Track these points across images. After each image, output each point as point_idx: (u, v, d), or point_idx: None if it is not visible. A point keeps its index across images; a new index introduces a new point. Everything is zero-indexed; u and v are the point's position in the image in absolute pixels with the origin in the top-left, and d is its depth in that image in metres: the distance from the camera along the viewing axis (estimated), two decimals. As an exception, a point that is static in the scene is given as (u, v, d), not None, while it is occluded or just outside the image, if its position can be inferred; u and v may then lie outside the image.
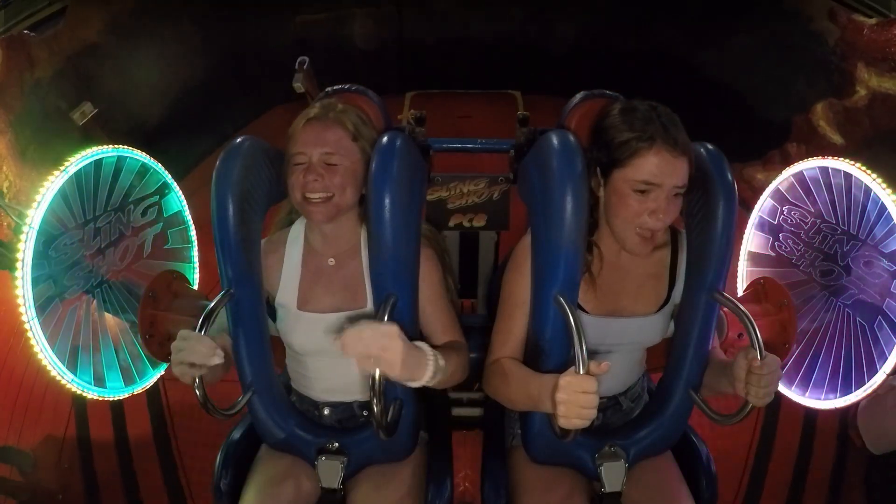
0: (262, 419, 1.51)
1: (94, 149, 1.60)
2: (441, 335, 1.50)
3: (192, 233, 1.92)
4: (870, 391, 1.56)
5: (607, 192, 1.38)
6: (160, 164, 1.82)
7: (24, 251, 1.45)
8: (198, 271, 1.91)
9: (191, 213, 1.92)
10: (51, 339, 1.50)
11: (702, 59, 4.32)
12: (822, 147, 3.23)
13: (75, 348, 1.57)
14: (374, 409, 1.26)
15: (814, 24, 3.56)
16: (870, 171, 1.55)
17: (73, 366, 1.56)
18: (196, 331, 1.29)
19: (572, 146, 1.37)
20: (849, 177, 1.60)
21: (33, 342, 1.48)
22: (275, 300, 1.53)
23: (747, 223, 1.86)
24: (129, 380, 1.69)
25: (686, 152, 1.33)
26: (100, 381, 1.62)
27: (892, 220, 1.50)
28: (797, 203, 1.74)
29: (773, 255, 1.81)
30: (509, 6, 4.93)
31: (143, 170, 1.76)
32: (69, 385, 1.55)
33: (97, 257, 1.64)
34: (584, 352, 1.18)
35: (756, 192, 1.87)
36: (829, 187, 1.66)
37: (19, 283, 1.45)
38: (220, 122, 4.39)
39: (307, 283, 1.52)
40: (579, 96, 1.55)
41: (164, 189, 1.83)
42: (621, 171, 1.33)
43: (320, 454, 1.51)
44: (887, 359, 1.52)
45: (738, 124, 3.78)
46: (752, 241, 1.87)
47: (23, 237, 1.45)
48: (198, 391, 1.31)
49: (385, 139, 1.42)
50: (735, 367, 1.30)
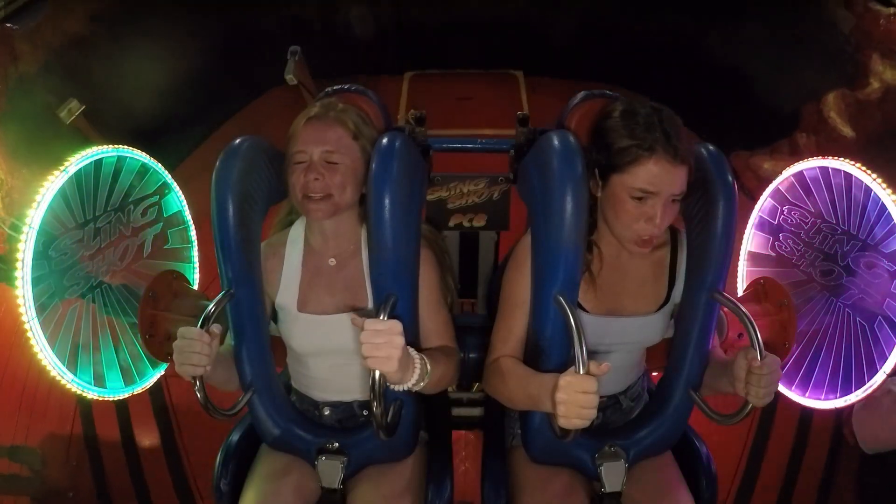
0: (262, 419, 1.51)
1: (94, 149, 1.60)
2: (434, 338, 1.49)
3: (192, 233, 1.92)
4: (870, 391, 1.56)
5: (605, 195, 1.38)
6: (156, 157, 1.79)
7: (24, 251, 1.45)
8: (198, 271, 1.91)
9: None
10: (51, 339, 1.50)
11: (710, 43, 4.15)
12: (833, 139, 3.11)
13: (75, 348, 1.57)
14: (375, 410, 1.26)
15: (828, 11, 3.39)
16: (870, 172, 1.55)
17: (73, 366, 1.56)
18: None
19: (573, 147, 1.36)
20: (849, 177, 1.60)
21: (33, 342, 1.48)
22: (275, 302, 1.53)
23: (747, 223, 1.86)
24: (129, 380, 1.69)
25: (686, 161, 1.31)
26: (100, 381, 1.62)
27: (893, 220, 1.50)
28: (797, 203, 1.74)
29: (773, 255, 1.80)
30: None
31: (143, 170, 1.76)
32: (69, 385, 1.55)
33: (97, 257, 1.64)
34: (584, 352, 1.18)
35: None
36: (829, 187, 1.65)
37: (19, 283, 1.45)
38: (213, 107, 4.25)
39: (307, 284, 1.52)
40: (579, 96, 1.55)
41: (163, 189, 1.83)
42: (620, 176, 1.33)
43: (320, 454, 1.51)
44: (887, 359, 1.52)
45: (746, 111, 3.62)
46: (752, 241, 1.87)
47: (23, 237, 1.45)
48: (199, 393, 1.32)
49: (385, 140, 1.42)
50: (735, 366, 1.31)
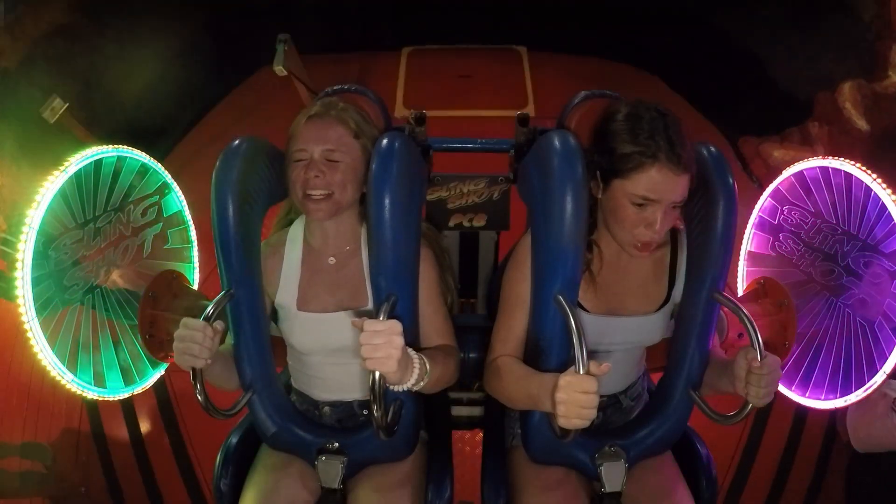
0: (262, 419, 1.51)
1: (94, 149, 1.60)
2: (435, 337, 1.49)
3: (192, 233, 1.92)
4: (870, 391, 1.56)
5: (605, 198, 1.38)
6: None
7: (24, 251, 1.45)
8: (197, 271, 1.91)
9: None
10: (51, 339, 1.50)
11: (723, 22, 3.94)
12: (846, 131, 2.99)
13: (75, 348, 1.57)
14: (374, 410, 1.26)
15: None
16: (870, 171, 1.55)
17: (73, 365, 1.56)
18: None
19: (573, 148, 1.36)
20: (849, 177, 1.60)
21: (33, 342, 1.48)
22: (274, 301, 1.53)
23: (747, 223, 1.86)
24: (129, 380, 1.69)
25: (689, 169, 1.31)
26: (100, 381, 1.62)
27: (893, 219, 1.50)
28: (797, 203, 1.74)
29: (773, 255, 1.80)
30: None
31: (143, 170, 1.76)
32: (69, 385, 1.55)
33: (97, 257, 1.64)
34: (585, 352, 1.18)
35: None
36: (829, 187, 1.65)
37: (19, 283, 1.45)
38: (202, 90, 4.14)
39: (307, 283, 1.52)
40: (580, 96, 1.55)
41: (163, 189, 1.83)
42: (621, 182, 1.32)
43: (320, 454, 1.51)
44: (887, 359, 1.52)
45: (758, 95, 3.49)
46: (752, 241, 1.87)
47: (23, 237, 1.45)
48: (199, 396, 1.32)
49: (385, 140, 1.42)
50: (735, 366, 1.31)
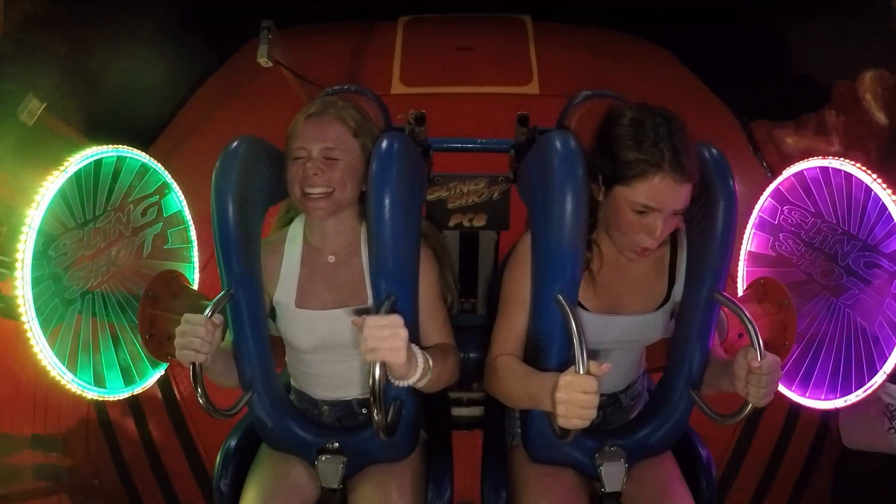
0: (261, 419, 1.51)
1: (94, 149, 1.60)
2: (435, 335, 1.50)
3: (192, 233, 1.91)
4: (870, 391, 1.56)
5: (606, 202, 1.38)
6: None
7: (24, 251, 1.45)
8: (198, 271, 1.91)
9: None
10: (50, 339, 1.50)
11: (743, 3, 3.74)
12: (863, 122, 2.87)
13: (75, 348, 1.57)
14: (374, 410, 1.26)
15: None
16: (870, 172, 1.55)
17: (73, 366, 1.56)
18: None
19: (573, 149, 1.35)
20: (849, 177, 1.60)
21: (33, 342, 1.48)
22: (273, 299, 1.53)
23: (747, 223, 1.86)
24: (129, 380, 1.69)
25: (692, 177, 1.30)
26: (100, 381, 1.62)
27: (893, 220, 1.50)
28: (797, 203, 1.74)
29: (773, 255, 1.80)
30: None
31: (143, 169, 1.76)
32: (69, 385, 1.55)
33: (97, 257, 1.64)
34: (585, 352, 1.18)
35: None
36: (829, 187, 1.65)
37: (19, 283, 1.45)
38: (188, 68, 3.97)
39: (306, 281, 1.52)
40: (580, 96, 1.55)
41: (163, 189, 1.83)
42: (622, 188, 1.32)
43: (320, 454, 1.51)
44: (887, 359, 1.52)
45: (774, 78, 3.32)
46: (752, 241, 1.87)
47: (22, 237, 1.45)
48: (200, 399, 1.32)
49: (385, 141, 1.42)
50: (735, 366, 1.31)
